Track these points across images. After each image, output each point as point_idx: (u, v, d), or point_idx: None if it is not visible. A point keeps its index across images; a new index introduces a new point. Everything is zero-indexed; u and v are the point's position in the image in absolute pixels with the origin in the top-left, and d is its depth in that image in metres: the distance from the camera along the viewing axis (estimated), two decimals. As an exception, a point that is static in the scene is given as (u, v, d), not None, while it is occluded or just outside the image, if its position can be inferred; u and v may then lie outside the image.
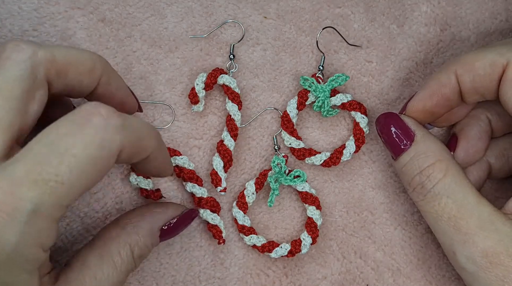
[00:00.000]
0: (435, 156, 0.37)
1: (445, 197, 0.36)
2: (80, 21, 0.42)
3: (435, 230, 0.38)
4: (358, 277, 0.43)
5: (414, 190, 0.38)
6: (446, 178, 0.37)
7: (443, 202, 0.36)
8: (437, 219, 0.37)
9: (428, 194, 0.37)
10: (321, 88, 0.42)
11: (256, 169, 0.43)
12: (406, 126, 0.39)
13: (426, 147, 0.38)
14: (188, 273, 0.42)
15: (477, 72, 0.37)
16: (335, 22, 0.44)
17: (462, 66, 0.37)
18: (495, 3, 0.44)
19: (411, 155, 0.38)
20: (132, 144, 0.31)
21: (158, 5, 0.43)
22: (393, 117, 0.39)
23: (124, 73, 0.42)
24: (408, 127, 0.38)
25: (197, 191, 0.41)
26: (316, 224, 0.42)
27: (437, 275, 0.43)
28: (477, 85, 0.37)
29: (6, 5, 0.41)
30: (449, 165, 0.37)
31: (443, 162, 0.37)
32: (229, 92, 0.42)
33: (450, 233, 0.36)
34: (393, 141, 0.39)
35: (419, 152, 0.38)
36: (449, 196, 0.36)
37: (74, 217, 0.41)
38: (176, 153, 0.41)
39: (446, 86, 0.38)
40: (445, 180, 0.37)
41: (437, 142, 0.38)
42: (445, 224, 0.36)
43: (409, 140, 0.38)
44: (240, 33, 0.43)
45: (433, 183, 0.37)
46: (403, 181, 0.39)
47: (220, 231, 0.41)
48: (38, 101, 0.32)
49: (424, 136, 0.38)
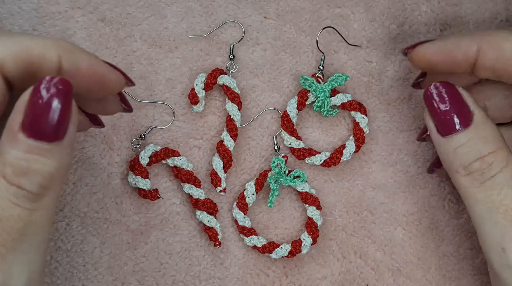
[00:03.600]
0: (496, 142, 0.35)
1: (506, 188, 0.34)
2: (80, 21, 0.42)
3: (482, 220, 0.35)
4: (358, 277, 0.43)
5: (469, 175, 0.35)
6: (508, 167, 0.35)
7: (503, 193, 0.34)
8: (491, 209, 0.35)
9: (487, 182, 0.35)
10: (321, 88, 0.42)
11: (256, 169, 0.43)
12: (465, 103, 0.36)
13: (487, 130, 0.35)
14: (188, 273, 0.42)
15: (503, 53, 0.36)
16: (335, 22, 0.43)
17: (488, 42, 0.36)
18: (495, 3, 0.44)
19: (469, 136, 0.35)
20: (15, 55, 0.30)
21: (158, 5, 0.43)
22: (452, 91, 0.36)
23: (124, 73, 0.42)
24: (467, 105, 0.36)
25: (194, 193, 0.41)
26: (316, 224, 0.42)
27: (437, 275, 0.43)
28: (498, 66, 0.36)
29: (6, 5, 0.41)
30: (509, 154, 0.35)
31: (504, 151, 0.35)
32: (229, 92, 0.42)
33: (503, 226, 0.34)
34: (447, 117, 0.36)
35: (479, 135, 0.35)
36: (510, 186, 0.34)
37: (74, 217, 0.41)
38: (175, 154, 0.41)
39: (462, 52, 0.36)
40: (507, 169, 0.35)
41: (495, 127, 0.36)
42: (500, 216, 0.34)
43: (466, 120, 0.35)
44: (240, 33, 0.43)
45: (494, 171, 0.35)
46: (451, 162, 0.36)
47: (216, 233, 0.41)
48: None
49: (483, 119, 0.35)
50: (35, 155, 0.29)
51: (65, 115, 0.30)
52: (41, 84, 0.29)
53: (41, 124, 0.29)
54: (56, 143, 0.29)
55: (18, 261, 0.30)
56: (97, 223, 0.41)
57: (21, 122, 0.29)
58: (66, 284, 0.41)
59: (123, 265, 0.42)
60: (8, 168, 0.29)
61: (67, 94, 0.30)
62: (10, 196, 0.29)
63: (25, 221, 0.30)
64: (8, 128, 0.29)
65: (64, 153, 0.30)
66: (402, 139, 0.44)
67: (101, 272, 0.41)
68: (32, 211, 0.30)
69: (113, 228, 0.42)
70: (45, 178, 0.29)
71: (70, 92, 0.30)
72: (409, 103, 0.44)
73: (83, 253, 0.41)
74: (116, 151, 0.42)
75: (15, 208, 0.29)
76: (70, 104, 0.30)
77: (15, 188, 0.29)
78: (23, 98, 0.29)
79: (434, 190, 0.44)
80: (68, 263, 0.41)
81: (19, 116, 0.29)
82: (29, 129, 0.29)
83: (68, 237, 0.41)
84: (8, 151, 0.29)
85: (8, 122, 0.29)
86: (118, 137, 0.42)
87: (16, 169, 0.29)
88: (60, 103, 0.29)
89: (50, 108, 0.29)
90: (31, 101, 0.29)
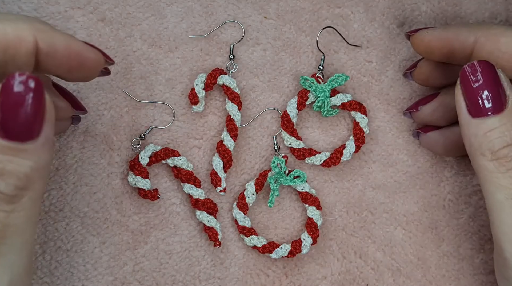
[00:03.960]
0: None
1: None
2: (80, 21, 0.42)
3: (501, 206, 0.35)
4: (358, 277, 0.43)
5: (497, 160, 0.35)
6: None
7: None
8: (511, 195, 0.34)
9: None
10: (321, 88, 0.42)
11: (256, 169, 0.43)
12: (502, 87, 0.35)
13: None
14: (188, 273, 0.42)
15: (499, 46, 0.36)
16: (335, 22, 0.43)
17: (486, 35, 0.36)
18: (495, 3, 0.44)
19: (503, 121, 0.34)
20: None
21: (158, 5, 0.43)
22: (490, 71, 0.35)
23: (124, 73, 0.42)
24: (504, 88, 0.35)
25: (194, 193, 0.41)
26: (316, 224, 0.42)
27: (437, 275, 0.43)
28: (493, 58, 0.36)
29: (6, 5, 0.41)
30: None
31: None
32: (229, 92, 0.42)
33: None
34: (481, 99, 0.35)
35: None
36: None
37: (74, 217, 0.41)
38: (175, 154, 0.41)
39: (460, 42, 0.37)
40: None
41: None
42: None
43: (500, 105, 0.35)
44: (240, 33, 0.43)
45: None
46: (479, 145, 0.35)
47: (216, 233, 0.41)
48: None
49: None
50: (9, 156, 0.28)
51: (38, 112, 0.28)
52: (10, 82, 0.28)
53: (13, 124, 0.28)
54: (30, 142, 0.28)
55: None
56: (97, 223, 0.41)
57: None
58: (66, 284, 0.41)
59: (123, 265, 0.42)
60: None
61: (38, 90, 0.28)
62: None
63: (3, 224, 0.29)
64: None
65: (40, 152, 0.29)
66: (402, 140, 0.44)
67: (101, 272, 0.41)
68: (9, 213, 0.29)
69: (113, 228, 0.42)
70: (21, 179, 0.28)
71: (41, 89, 0.28)
72: (409, 103, 0.44)
73: (83, 253, 0.41)
74: (116, 151, 0.42)
75: None
76: (42, 101, 0.28)
77: None
78: None
79: (434, 190, 0.44)
80: (68, 263, 0.41)
81: None
82: (1, 130, 0.28)
83: (68, 237, 0.41)
84: None
85: None
86: (118, 137, 0.42)
87: None
88: (31, 100, 0.28)
89: (21, 106, 0.28)
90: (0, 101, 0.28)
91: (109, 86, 0.42)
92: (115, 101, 0.42)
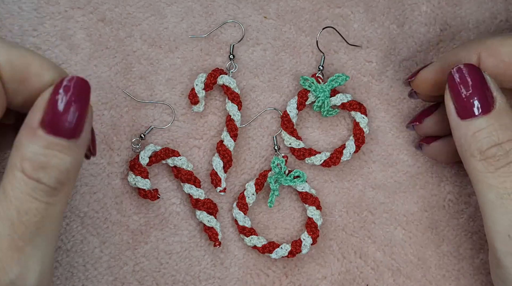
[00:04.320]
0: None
1: None
2: (80, 21, 0.42)
3: (492, 206, 0.35)
4: (358, 277, 0.43)
5: (485, 160, 0.35)
6: None
7: None
8: (503, 196, 0.35)
9: (502, 168, 0.35)
10: (321, 88, 0.42)
11: (256, 169, 0.43)
12: (489, 89, 0.35)
13: (507, 118, 0.35)
14: (188, 273, 0.42)
15: (502, 58, 0.36)
16: (335, 22, 0.43)
17: (486, 49, 0.36)
18: (495, 3, 0.44)
19: (490, 122, 0.35)
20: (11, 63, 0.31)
21: (158, 5, 0.43)
22: (476, 74, 0.35)
23: (124, 73, 0.42)
24: (491, 90, 0.35)
25: (194, 193, 0.41)
26: (316, 224, 0.42)
27: (437, 275, 0.43)
28: (499, 71, 0.36)
29: (6, 5, 0.41)
30: None
31: None
32: (229, 92, 0.42)
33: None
34: (469, 101, 0.35)
35: (500, 121, 0.35)
36: None
37: (74, 217, 0.41)
38: (175, 154, 0.41)
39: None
40: None
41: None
42: (510, 203, 0.34)
43: (488, 106, 0.35)
44: (240, 33, 0.43)
45: (511, 159, 0.35)
46: (468, 145, 0.36)
47: (216, 233, 0.41)
48: None
49: (505, 106, 0.35)
50: (54, 151, 0.30)
51: (83, 114, 0.31)
52: (62, 84, 0.31)
53: (61, 122, 0.30)
54: (73, 140, 0.31)
55: (34, 254, 0.31)
56: (97, 223, 0.41)
57: (41, 119, 0.30)
58: (66, 284, 0.41)
59: (123, 265, 0.42)
60: (27, 162, 0.30)
61: (86, 94, 0.31)
62: (28, 190, 0.30)
63: (42, 215, 0.30)
64: (27, 125, 0.30)
65: (79, 150, 0.31)
66: (402, 140, 0.44)
67: (101, 272, 0.41)
68: (49, 205, 0.31)
69: (113, 228, 0.42)
70: (62, 173, 0.30)
71: (88, 92, 0.31)
72: (409, 103, 0.44)
73: (83, 253, 0.41)
74: (116, 151, 0.42)
75: (33, 201, 0.30)
76: (88, 104, 0.31)
77: (34, 182, 0.30)
78: (43, 97, 0.31)
79: (434, 190, 0.44)
80: (68, 263, 0.41)
81: (39, 114, 0.30)
82: (49, 126, 0.30)
83: (68, 237, 0.41)
84: (27, 146, 0.30)
85: (26, 119, 0.31)
86: (118, 137, 0.42)
87: (35, 163, 0.30)
88: (79, 102, 0.31)
89: (70, 107, 0.30)
90: (51, 100, 0.30)
91: (109, 86, 0.42)
92: (115, 101, 0.42)
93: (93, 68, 0.42)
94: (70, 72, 0.42)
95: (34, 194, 0.30)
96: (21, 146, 0.30)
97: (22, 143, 0.30)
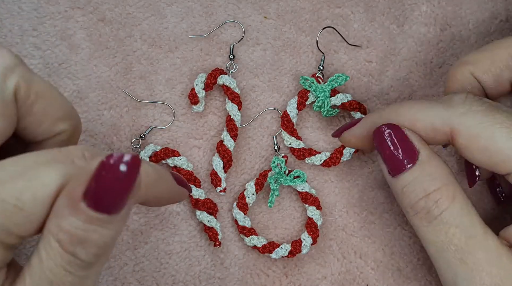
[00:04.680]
0: (442, 179, 0.35)
1: (454, 227, 0.34)
2: (80, 21, 0.42)
3: (435, 259, 0.35)
4: (358, 277, 0.43)
5: (416, 215, 0.35)
6: (455, 204, 0.34)
7: (451, 232, 0.34)
8: (441, 249, 0.34)
9: (434, 221, 0.34)
10: (321, 88, 0.42)
11: (256, 169, 0.43)
12: (411, 143, 0.35)
13: (433, 168, 0.35)
14: (188, 273, 0.42)
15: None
16: (335, 22, 0.44)
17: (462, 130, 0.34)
18: (495, 3, 0.44)
19: (415, 175, 0.35)
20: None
21: (158, 5, 0.43)
22: (396, 131, 0.36)
23: (124, 73, 0.42)
24: (413, 144, 0.35)
25: (194, 193, 0.41)
26: (316, 224, 0.42)
27: (437, 275, 0.43)
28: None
29: (6, 5, 0.41)
30: (455, 190, 0.34)
31: (450, 187, 0.34)
32: (229, 92, 0.42)
33: (455, 266, 0.34)
34: (394, 158, 0.35)
35: (424, 172, 0.35)
36: (458, 226, 0.34)
37: (74, 217, 0.41)
38: (175, 154, 0.41)
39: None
40: (454, 207, 0.34)
41: (442, 164, 0.35)
42: (450, 256, 0.34)
43: (412, 159, 0.35)
44: (240, 33, 0.43)
45: (440, 210, 0.34)
46: (401, 202, 0.36)
47: (216, 233, 0.41)
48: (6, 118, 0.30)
49: (429, 156, 0.35)
50: (95, 226, 0.28)
51: (129, 191, 0.29)
52: (111, 159, 0.28)
53: (105, 198, 0.28)
54: (115, 215, 0.29)
55: None
56: (97, 223, 0.41)
57: (84, 192, 0.28)
58: (66, 284, 0.41)
59: (123, 265, 0.42)
60: (65, 234, 0.28)
61: (136, 170, 0.29)
62: (63, 263, 0.28)
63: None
64: (69, 195, 0.28)
65: (120, 223, 0.29)
66: (402, 139, 0.44)
67: (101, 272, 0.41)
68: (83, 278, 0.29)
69: (113, 228, 0.42)
70: (100, 248, 0.29)
71: (138, 169, 0.29)
72: (409, 103, 0.44)
73: (83, 253, 0.41)
74: (116, 151, 0.42)
75: (68, 275, 0.29)
76: (135, 180, 0.29)
77: (70, 256, 0.28)
78: (89, 168, 0.28)
79: (434, 190, 0.44)
80: (68, 263, 0.41)
81: (83, 185, 0.28)
82: (92, 200, 0.28)
83: (68, 237, 0.41)
84: (66, 217, 0.28)
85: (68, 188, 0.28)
86: (118, 137, 0.42)
87: (73, 237, 0.28)
88: (127, 180, 0.28)
89: (117, 183, 0.28)
90: (97, 174, 0.28)
91: (109, 86, 0.42)
92: (115, 101, 0.42)
93: (93, 68, 0.42)
94: (70, 72, 0.42)
95: (69, 268, 0.28)
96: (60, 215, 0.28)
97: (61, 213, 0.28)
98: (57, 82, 0.41)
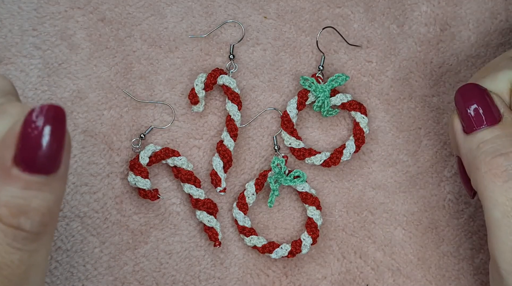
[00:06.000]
0: None
1: None
2: (80, 21, 0.42)
3: (497, 225, 0.33)
4: (358, 277, 0.43)
5: (490, 171, 0.33)
6: None
7: None
8: (509, 213, 0.33)
9: (510, 181, 0.33)
10: (321, 88, 0.42)
11: (256, 169, 0.43)
12: (495, 105, 0.35)
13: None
14: (188, 273, 0.42)
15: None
16: (335, 22, 0.44)
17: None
18: (495, 3, 0.44)
19: (495, 133, 0.34)
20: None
21: (158, 5, 0.43)
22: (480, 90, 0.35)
23: (124, 73, 0.42)
24: (496, 107, 0.35)
25: (194, 193, 0.41)
26: (316, 224, 0.42)
27: (437, 275, 0.43)
28: None
29: (6, 5, 0.41)
30: None
31: None
32: (229, 92, 0.42)
33: None
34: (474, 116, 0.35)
35: (506, 133, 0.34)
36: None
37: (73, 217, 0.41)
38: (175, 154, 0.41)
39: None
40: None
41: None
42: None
43: (493, 120, 0.35)
44: (240, 33, 0.43)
45: None
46: (474, 158, 0.34)
47: (216, 233, 0.41)
48: None
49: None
50: (34, 191, 0.26)
51: (61, 144, 0.26)
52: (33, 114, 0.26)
53: (37, 157, 0.26)
54: (53, 174, 0.26)
55: None
56: (97, 223, 0.41)
57: (14, 156, 0.26)
58: (66, 284, 0.41)
59: (123, 265, 0.42)
60: (4, 208, 0.26)
61: (61, 121, 0.26)
62: (8, 240, 0.26)
63: (26, 265, 0.27)
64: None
65: (60, 183, 0.27)
66: (402, 139, 0.44)
67: (101, 272, 0.41)
68: (33, 252, 0.27)
69: (113, 228, 0.42)
70: (45, 214, 0.26)
71: (64, 120, 0.27)
72: (409, 103, 0.44)
73: (83, 253, 0.41)
74: (116, 151, 0.42)
75: (15, 252, 0.26)
76: (64, 132, 0.27)
77: (14, 230, 0.26)
78: (12, 131, 0.26)
79: (434, 190, 0.44)
80: (68, 263, 0.41)
81: (11, 151, 0.26)
82: (24, 163, 0.26)
83: (68, 237, 0.41)
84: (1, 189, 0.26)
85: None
86: (118, 137, 0.42)
87: (14, 208, 0.26)
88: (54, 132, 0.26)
89: (45, 138, 0.26)
90: (23, 133, 0.26)
91: (109, 86, 0.42)
92: (115, 101, 0.42)
93: (93, 68, 0.42)
94: (70, 72, 0.42)
95: (15, 244, 0.26)
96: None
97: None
98: (57, 82, 0.41)
